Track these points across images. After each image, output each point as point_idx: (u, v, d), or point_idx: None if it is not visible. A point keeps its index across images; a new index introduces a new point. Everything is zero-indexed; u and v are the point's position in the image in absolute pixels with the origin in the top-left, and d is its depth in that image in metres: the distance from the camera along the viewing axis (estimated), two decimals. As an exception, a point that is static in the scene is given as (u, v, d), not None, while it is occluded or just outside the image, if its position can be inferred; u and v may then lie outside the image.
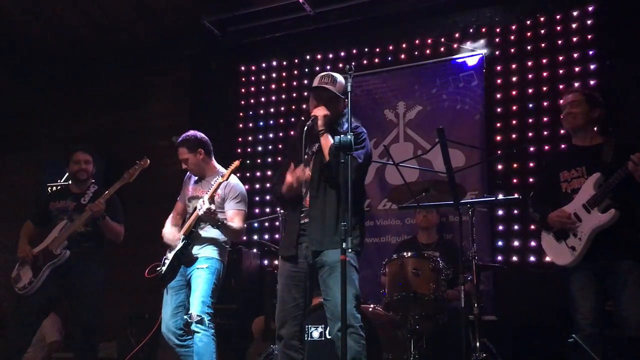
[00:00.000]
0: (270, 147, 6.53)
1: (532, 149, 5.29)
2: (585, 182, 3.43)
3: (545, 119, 5.30)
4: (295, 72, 6.58)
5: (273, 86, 6.67)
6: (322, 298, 3.18)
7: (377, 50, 6.17)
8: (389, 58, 6.11)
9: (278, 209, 5.32)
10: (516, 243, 5.18)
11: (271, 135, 6.55)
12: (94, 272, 4.45)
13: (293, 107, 6.49)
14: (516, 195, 4.84)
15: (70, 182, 4.78)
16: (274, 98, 6.64)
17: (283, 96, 6.58)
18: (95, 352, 4.59)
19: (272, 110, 6.62)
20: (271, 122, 6.60)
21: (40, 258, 4.35)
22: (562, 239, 3.46)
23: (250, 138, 6.65)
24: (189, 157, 4.10)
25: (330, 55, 6.41)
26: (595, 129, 3.68)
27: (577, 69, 5.24)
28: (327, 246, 3.09)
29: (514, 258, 5.16)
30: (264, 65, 6.76)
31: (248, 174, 6.49)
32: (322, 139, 3.17)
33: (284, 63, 6.67)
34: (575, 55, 5.28)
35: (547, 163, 3.93)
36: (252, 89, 6.77)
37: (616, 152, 3.42)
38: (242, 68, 6.84)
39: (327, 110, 3.20)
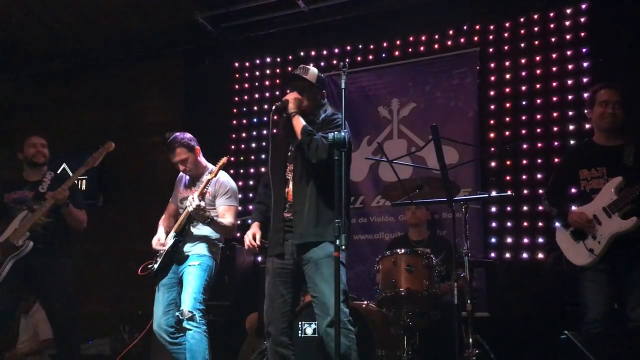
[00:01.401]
0: (263, 143, 6.52)
1: (525, 146, 5.30)
2: (606, 184, 3.45)
3: (538, 116, 5.31)
4: (289, 68, 6.53)
5: (267, 83, 6.66)
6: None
7: (371, 47, 6.17)
8: (383, 55, 6.11)
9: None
10: (509, 240, 5.20)
11: (265, 132, 6.54)
12: (62, 265, 4.30)
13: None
14: (509, 193, 4.85)
15: (24, 170, 4.52)
16: (267, 94, 6.62)
17: (277, 93, 6.56)
18: (77, 347, 4.49)
19: (265, 106, 6.60)
20: (265, 118, 6.59)
21: (0, 252, 4.16)
22: (581, 240, 3.48)
23: (244, 134, 6.64)
24: (188, 157, 3.99)
25: (324, 52, 6.40)
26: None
27: (570, 67, 5.26)
28: (308, 238, 3.06)
29: (507, 255, 5.18)
30: (257, 61, 6.74)
31: (242, 171, 6.48)
32: (293, 120, 3.15)
33: (278, 59, 6.66)
34: (569, 52, 5.30)
35: (567, 158, 3.92)
36: (246, 85, 6.75)
37: (637, 156, 3.45)
38: (236, 64, 6.83)
39: (298, 95, 3.21)
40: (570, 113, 5.18)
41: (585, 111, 3.75)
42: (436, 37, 5.87)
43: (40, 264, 4.21)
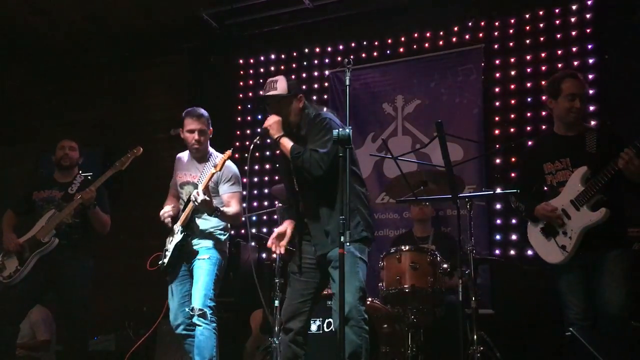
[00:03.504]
0: (268, 140, 6.48)
1: (530, 143, 5.27)
2: (572, 176, 3.34)
3: (543, 113, 5.28)
4: (294, 65, 6.56)
5: (271, 79, 6.65)
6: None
7: (376, 43, 6.16)
8: (388, 51, 6.10)
9: (276, 202, 5.31)
10: (514, 237, 5.19)
11: (269, 129, 6.53)
12: (83, 264, 4.42)
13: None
14: (514, 190, 4.83)
15: (55, 171, 4.67)
16: (272, 91, 6.62)
17: (281, 90, 6.55)
18: (86, 344, 4.57)
19: (270, 103, 6.59)
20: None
21: (26, 247, 4.27)
22: (552, 237, 3.39)
23: (248, 131, 6.64)
24: (206, 130, 3.98)
25: (329, 49, 6.39)
26: None
27: (575, 63, 5.23)
28: (327, 248, 3.07)
29: (512, 252, 5.17)
30: (262, 58, 6.75)
31: (246, 168, 6.46)
32: (280, 145, 3.13)
33: (283, 56, 6.66)
34: (574, 49, 5.28)
35: (529, 154, 3.80)
36: (251, 82, 6.76)
37: (599, 143, 3.35)
38: (241, 61, 6.83)
39: (278, 116, 3.18)
40: (576, 110, 5.15)
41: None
42: (441, 33, 5.86)
43: (63, 259, 4.31)
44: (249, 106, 6.71)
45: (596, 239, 3.25)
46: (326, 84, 6.29)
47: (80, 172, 4.67)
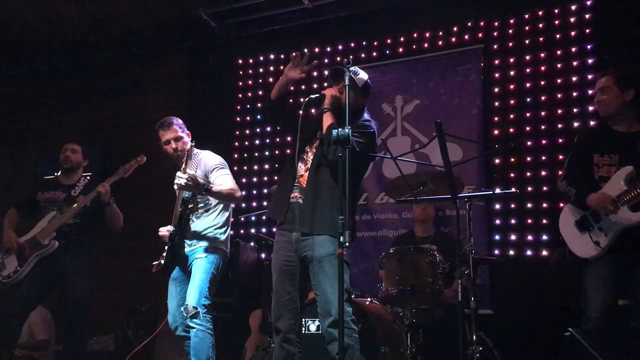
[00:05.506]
0: (267, 140, 6.52)
1: (529, 143, 5.29)
2: (616, 173, 3.30)
3: (542, 113, 5.30)
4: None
5: (270, 79, 6.63)
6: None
7: (375, 43, 6.16)
8: (387, 52, 6.10)
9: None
10: (513, 237, 5.19)
11: (268, 129, 6.54)
12: (83, 265, 4.42)
13: (290, 100, 6.47)
14: (513, 190, 4.83)
15: (59, 173, 4.71)
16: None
17: (280, 89, 6.55)
18: (84, 345, 4.59)
19: (269, 104, 6.59)
20: (269, 116, 6.58)
21: (26, 248, 4.30)
22: (586, 231, 3.34)
23: (247, 131, 6.63)
24: (182, 137, 4.01)
25: (328, 49, 6.39)
26: (634, 114, 3.47)
27: (575, 63, 5.24)
28: (316, 231, 3.06)
29: (511, 252, 5.17)
30: (261, 58, 6.74)
31: (245, 167, 6.47)
32: (324, 116, 3.13)
33: (282, 56, 6.65)
34: (573, 49, 5.28)
35: (580, 140, 3.68)
36: (250, 82, 6.75)
37: None
38: (240, 61, 6.82)
39: (338, 93, 3.18)
40: (575, 110, 5.16)
41: None
42: (440, 33, 5.86)
43: (62, 259, 4.33)
44: (247, 106, 6.70)
45: (633, 240, 3.21)
46: (325, 84, 6.27)
47: (85, 175, 4.70)
